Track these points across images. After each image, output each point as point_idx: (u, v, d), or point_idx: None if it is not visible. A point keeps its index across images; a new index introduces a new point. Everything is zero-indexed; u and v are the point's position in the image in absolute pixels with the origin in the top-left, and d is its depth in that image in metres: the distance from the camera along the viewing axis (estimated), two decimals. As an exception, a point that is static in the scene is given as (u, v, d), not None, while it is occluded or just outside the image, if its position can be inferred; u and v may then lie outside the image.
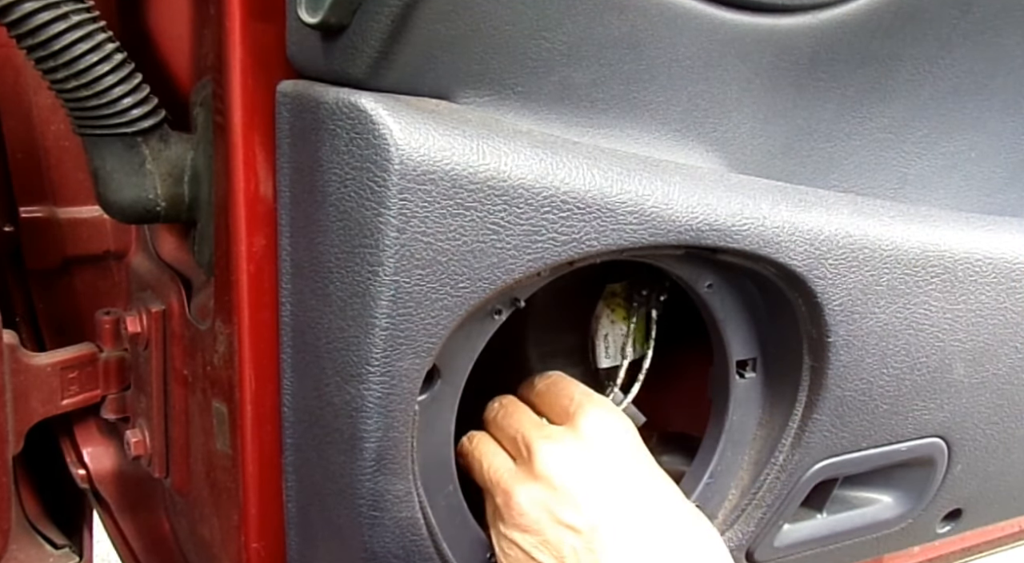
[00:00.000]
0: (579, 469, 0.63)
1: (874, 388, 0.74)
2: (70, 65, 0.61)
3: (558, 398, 0.69)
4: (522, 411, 0.69)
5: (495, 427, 0.70)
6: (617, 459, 0.64)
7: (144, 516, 0.98)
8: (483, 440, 0.69)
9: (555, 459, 0.63)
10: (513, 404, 0.70)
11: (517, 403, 0.71)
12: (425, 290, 0.56)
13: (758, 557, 0.81)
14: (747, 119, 0.67)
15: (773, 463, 0.76)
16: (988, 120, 0.77)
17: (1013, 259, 0.77)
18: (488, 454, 0.67)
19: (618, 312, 0.78)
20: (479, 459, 0.67)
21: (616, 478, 0.63)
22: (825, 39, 0.66)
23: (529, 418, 0.68)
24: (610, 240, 0.60)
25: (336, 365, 0.59)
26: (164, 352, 0.78)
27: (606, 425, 0.66)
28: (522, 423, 0.67)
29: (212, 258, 0.69)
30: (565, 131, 0.61)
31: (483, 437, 0.69)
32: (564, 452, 0.64)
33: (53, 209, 0.95)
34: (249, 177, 0.62)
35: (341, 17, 0.53)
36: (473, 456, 0.68)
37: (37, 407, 0.81)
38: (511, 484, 0.64)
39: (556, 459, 0.63)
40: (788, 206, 0.66)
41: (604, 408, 0.67)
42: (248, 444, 0.66)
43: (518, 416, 0.69)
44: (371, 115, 0.53)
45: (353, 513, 0.63)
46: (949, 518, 0.91)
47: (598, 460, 0.64)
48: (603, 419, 0.66)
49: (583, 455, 0.64)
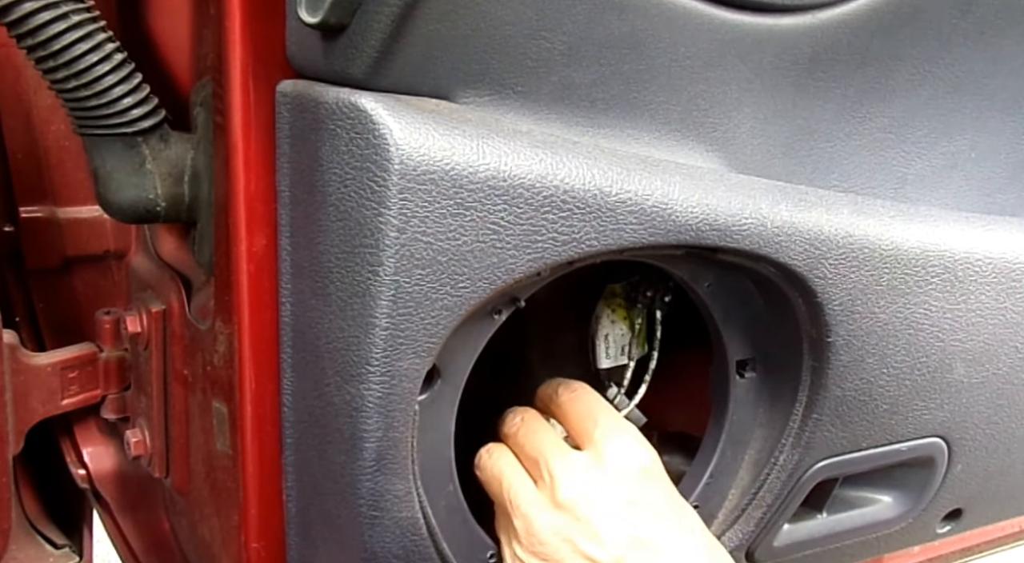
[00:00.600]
0: (603, 501, 0.62)
1: (874, 388, 0.74)
2: (70, 65, 0.61)
3: (582, 419, 0.68)
4: (544, 430, 0.68)
5: (514, 443, 0.68)
6: (641, 491, 0.64)
7: (144, 516, 0.98)
8: (503, 456, 0.68)
9: (579, 489, 0.63)
10: (535, 420, 0.69)
11: (538, 419, 0.69)
12: (425, 290, 0.56)
13: (758, 557, 0.81)
14: (747, 119, 0.67)
15: (773, 463, 0.76)
16: (988, 120, 0.77)
17: (1013, 259, 0.77)
18: (508, 473, 0.66)
19: (618, 312, 0.78)
20: (498, 477, 0.67)
21: (639, 511, 0.63)
22: (825, 39, 0.66)
23: (551, 440, 0.67)
24: (610, 240, 0.60)
25: (336, 365, 0.59)
26: (164, 352, 0.78)
27: (632, 456, 0.65)
28: (544, 444, 0.66)
29: (212, 258, 0.69)
30: (565, 131, 0.61)
31: (502, 453, 0.68)
32: (588, 482, 0.63)
33: (53, 209, 0.95)
34: (249, 177, 0.62)
35: (341, 17, 0.53)
36: (492, 472, 0.67)
37: (37, 407, 0.81)
38: (531, 510, 0.63)
39: (580, 489, 0.63)
40: (788, 206, 0.66)
41: (629, 436, 0.66)
42: (248, 444, 0.66)
43: (540, 435, 0.67)
44: (371, 115, 0.53)
45: (353, 513, 0.63)
46: (949, 518, 0.91)
47: (622, 492, 0.63)
48: (629, 449, 0.65)
49: (608, 487, 0.63)
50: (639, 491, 0.64)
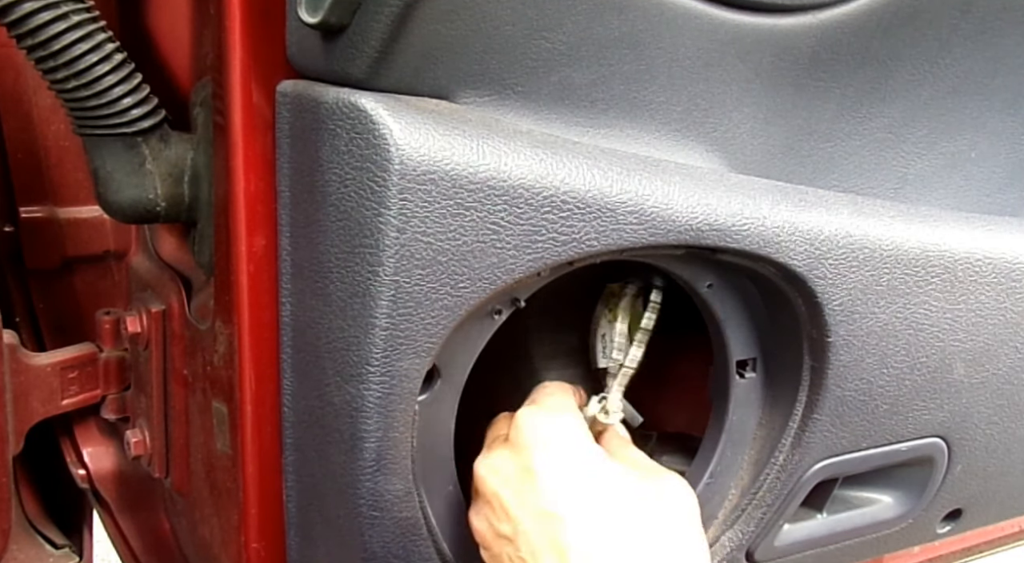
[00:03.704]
0: (505, 477, 0.62)
1: (874, 388, 0.74)
2: (70, 65, 0.61)
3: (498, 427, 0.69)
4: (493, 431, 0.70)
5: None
6: (546, 457, 0.62)
7: (144, 516, 0.98)
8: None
9: (486, 472, 0.64)
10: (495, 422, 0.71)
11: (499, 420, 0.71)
12: (425, 290, 0.56)
13: (758, 557, 0.81)
14: (747, 119, 0.67)
15: (773, 463, 0.76)
16: (988, 120, 0.77)
17: (1013, 259, 0.77)
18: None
19: (618, 312, 0.78)
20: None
21: (544, 476, 0.61)
22: (825, 39, 0.66)
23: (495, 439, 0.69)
24: (610, 240, 0.60)
25: (336, 365, 0.59)
26: (164, 352, 0.78)
27: (536, 427, 0.64)
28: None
29: (212, 258, 0.69)
30: (565, 131, 0.61)
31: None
32: (492, 464, 0.64)
33: (53, 209, 0.95)
34: (249, 177, 0.62)
35: (341, 17, 0.53)
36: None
37: (37, 407, 0.81)
38: (470, 513, 0.65)
39: (487, 472, 0.63)
40: (788, 206, 0.66)
41: (530, 413, 0.65)
42: (248, 444, 0.66)
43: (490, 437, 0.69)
44: (371, 115, 0.53)
45: (353, 513, 0.63)
46: (949, 518, 0.91)
47: (524, 462, 0.62)
48: (533, 421, 0.64)
49: (510, 462, 0.63)
50: (547, 458, 0.62)
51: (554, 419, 0.64)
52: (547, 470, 0.61)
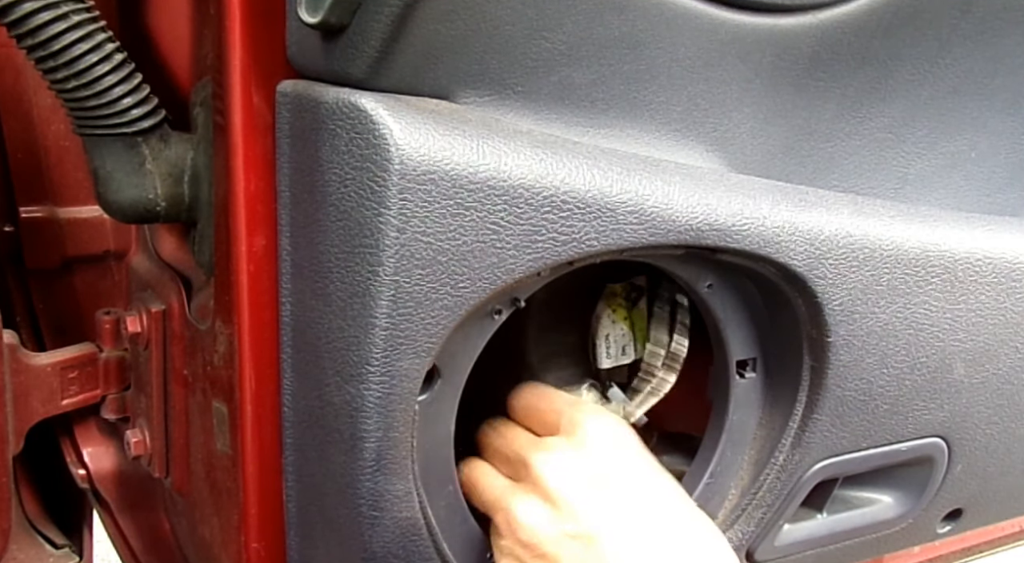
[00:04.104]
0: (576, 476, 0.62)
1: (874, 388, 0.74)
2: (70, 65, 0.61)
3: (542, 413, 0.68)
4: (516, 430, 0.69)
5: (491, 451, 0.69)
6: (617, 463, 0.63)
7: (144, 516, 0.98)
8: (477, 465, 0.68)
9: (551, 469, 0.62)
10: (505, 425, 0.70)
11: (509, 423, 0.70)
12: (425, 290, 0.56)
13: (758, 557, 0.81)
14: (747, 119, 0.67)
15: (773, 463, 0.76)
16: (988, 120, 0.77)
17: (1013, 259, 0.77)
18: (483, 476, 0.67)
19: (619, 312, 0.78)
20: (475, 483, 0.67)
21: (616, 483, 0.62)
22: (825, 39, 0.66)
23: (524, 436, 0.68)
24: (610, 240, 0.60)
25: (336, 365, 0.59)
26: (164, 352, 0.78)
27: (603, 429, 0.65)
28: (517, 441, 0.67)
29: (212, 258, 0.69)
30: (565, 131, 0.61)
31: (476, 462, 0.69)
32: (560, 461, 0.63)
33: (53, 209, 0.95)
34: (249, 177, 0.62)
35: (341, 17, 0.53)
36: (469, 480, 0.68)
37: (37, 407, 0.81)
38: (509, 500, 0.63)
39: (552, 469, 0.62)
40: (788, 206, 0.66)
41: (597, 413, 0.67)
42: (248, 444, 0.66)
43: (512, 435, 0.68)
44: (371, 115, 0.53)
45: (353, 513, 0.63)
46: (949, 518, 0.91)
47: (596, 465, 0.63)
48: (599, 423, 0.65)
49: (581, 462, 0.63)
50: (615, 464, 0.63)
51: (621, 425, 0.66)
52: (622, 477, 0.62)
